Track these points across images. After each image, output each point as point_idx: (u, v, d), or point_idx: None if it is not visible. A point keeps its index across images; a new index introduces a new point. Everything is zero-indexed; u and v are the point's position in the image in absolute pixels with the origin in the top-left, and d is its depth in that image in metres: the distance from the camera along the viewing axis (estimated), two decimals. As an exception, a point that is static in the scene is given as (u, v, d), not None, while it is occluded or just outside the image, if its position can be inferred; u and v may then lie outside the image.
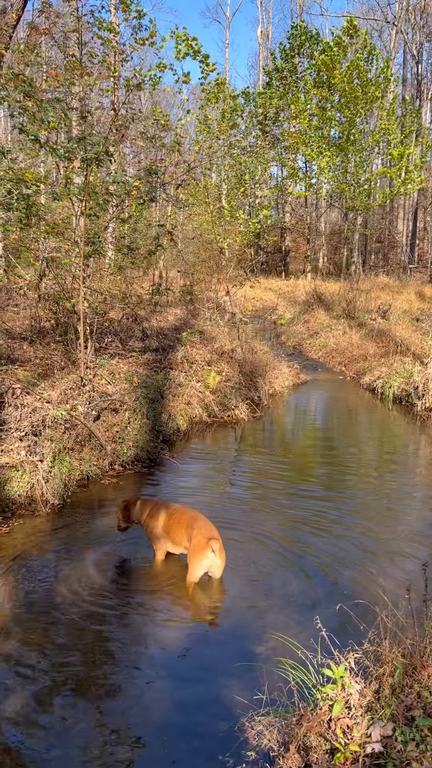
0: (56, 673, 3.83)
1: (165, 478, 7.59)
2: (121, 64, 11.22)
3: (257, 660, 3.92)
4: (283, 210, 40.53)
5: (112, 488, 7.16)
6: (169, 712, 3.54)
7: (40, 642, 4.14)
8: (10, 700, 3.59)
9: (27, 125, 7.63)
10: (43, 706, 3.55)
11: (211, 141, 17.54)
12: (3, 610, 4.53)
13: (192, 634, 4.26)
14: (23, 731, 3.34)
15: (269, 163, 31.26)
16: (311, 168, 35.87)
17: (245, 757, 3.15)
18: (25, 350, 10.16)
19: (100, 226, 9.87)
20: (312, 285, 26.08)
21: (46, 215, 8.69)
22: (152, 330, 12.44)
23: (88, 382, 8.44)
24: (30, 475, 6.53)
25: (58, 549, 5.57)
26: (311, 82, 29.92)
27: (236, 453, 8.87)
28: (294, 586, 4.94)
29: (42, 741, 3.31)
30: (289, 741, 2.91)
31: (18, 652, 4.02)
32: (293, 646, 3.54)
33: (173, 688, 3.73)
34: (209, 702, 3.62)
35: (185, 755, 3.24)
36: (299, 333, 18.91)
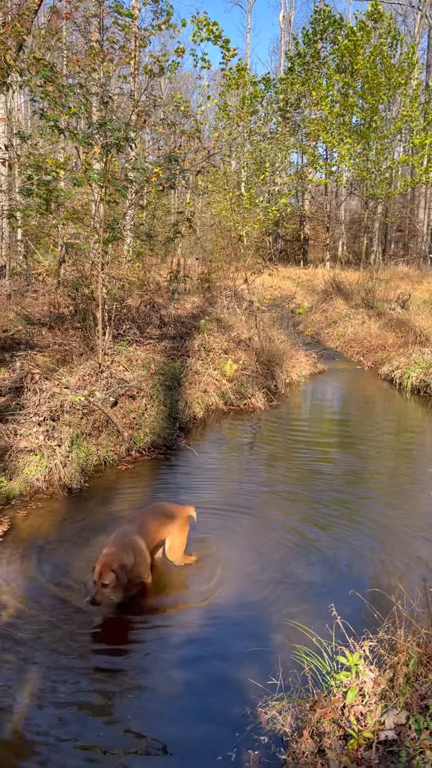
0: (68, 656, 3.88)
1: (181, 464, 7.62)
2: (141, 50, 11.15)
3: (271, 646, 3.95)
4: (303, 198, 40.18)
5: (129, 474, 7.21)
6: (182, 696, 3.57)
7: (52, 624, 4.20)
8: (24, 680, 3.65)
9: (47, 111, 7.63)
10: (55, 688, 3.60)
11: (231, 128, 17.41)
12: (18, 592, 4.59)
13: (206, 618, 4.29)
14: (36, 711, 3.39)
15: (289, 150, 30.96)
16: (332, 155, 35.48)
17: (258, 740, 3.18)
18: (44, 336, 10.23)
19: (119, 212, 9.87)
20: (331, 274, 25.88)
21: (66, 201, 8.70)
22: (170, 317, 12.45)
23: (106, 369, 8.48)
24: (48, 460, 6.60)
25: (75, 533, 5.62)
26: (333, 67, 29.49)
27: (252, 441, 8.87)
28: (309, 573, 4.95)
29: (55, 720, 3.36)
30: (302, 726, 2.93)
31: (31, 634, 4.08)
32: (308, 633, 3.55)
33: (187, 672, 3.77)
34: (223, 686, 3.65)
35: (198, 738, 3.27)
36: (317, 322, 18.80)
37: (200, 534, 5.59)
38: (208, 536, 5.58)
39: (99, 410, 7.63)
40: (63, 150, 12.71)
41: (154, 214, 11.99)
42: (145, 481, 7.04)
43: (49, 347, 9.62)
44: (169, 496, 6.53)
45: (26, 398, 7.22)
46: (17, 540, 5.42)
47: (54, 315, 11.02)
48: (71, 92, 7.44)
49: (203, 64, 13.20)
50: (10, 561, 5.05)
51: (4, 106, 14.69)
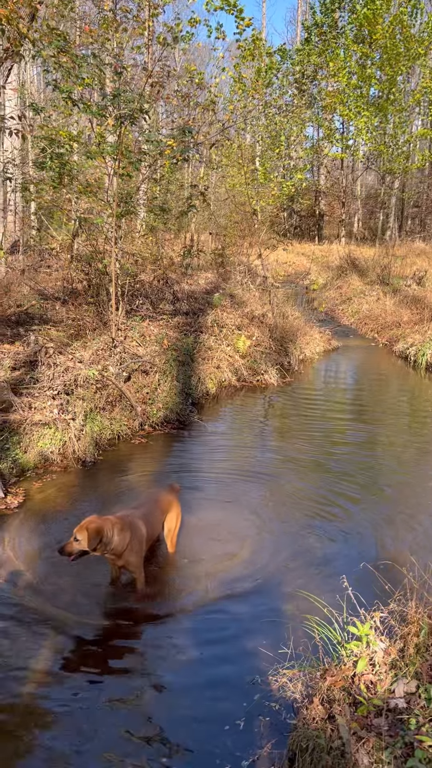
0: (80, 627, 3.95)
1: (194, 439, 7.66)
2: (154, 20, 10.95)
3: (283, 616, 4.00)
4: (318, 172, 39.58)
5: (142, 448, 7.26)
6: (194, 664, 3.64)
7: (66, 598, 4.25)
8: (37, 655, 3.73)
9: (61, 82, 7.54)
10: (68, 661, 3.67)
11: (246, 100, 17.12)
12: (32, 564, 4.66)
13: (217, 589, 4.35)
14: (48, 685, 3.46)
15: (305, 124, 30.42)
16: (348, 128, 34.84)
17: (268, 707, 3.24)
18: (58, 311, 10.25)
19: (132, 186, 9.79)
20: (346, 250, 25.58)
21: (79, 175, 8.64)
22: (183, 293, 12.40)
23: (119, 344, 8.49)
24: (62, 433, 6.65)
25: (88, 505, 5.68)
26: (351, 37, 28.80)
27: (265, 417, 8.88)
28: (321, 544, 4.99)
29: (69, 691, 3.44)
30: (313, 693, 2.97)
31: (43, 607, 4.14)
32: (319, 604, 3.59)
33: (199, 641, 3.83)
34: (234, 655, 3.71)
35: (209, 704, 3.34)
36: (332, 299, 18.65)
37: (213, 507, 5.65)
38: (220, 509, 5.63)
39: (112, 385, 7.66)
40: (77, 123, 12.57)
41: (167, 188, 11.88)
42: (158, 456, 7.09)
43: (63, 322, 9.63)
44: (181, 471, 6.58)
45: (40, 372, 7.26)
46: (32, 511, 5.50)
47: (67, 290, 11.02)
48: (85, 63, 7.34)
49: (218, 35, 12.96)
50: (25, 532, 5.13)
51: (17, 78, 14.54)
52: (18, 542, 4.96)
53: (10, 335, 8.67)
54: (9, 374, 7.24)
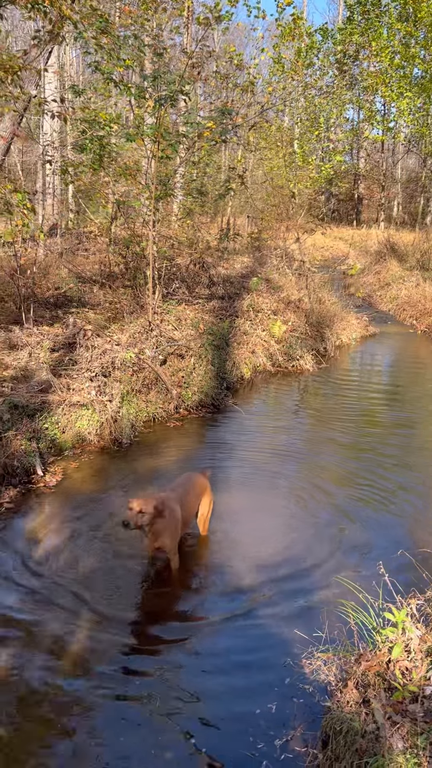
0: (116, 609, 3.98)
1: (228, 423, 7.67)
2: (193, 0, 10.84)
3: (317, 601, 4.01)
4: (358, 155, 38.84)
5: (177, 431, 7.31)
6: (229, 646, 3.67)
7: (99, 572, 4.32)
8: (73, 627, 3.82)
9: (102, 63, 7.53)
10: (99, 637, 3.73)
11: (285, 81, 16.85)
12: (69, 544, 4.72)
13: (251, 573, 4.37)
14: (82, 675, 3.52)
15: (345, 106, 29.81)
16: (390, 110, 34.01)
17: (302, 689, 3.26)
18: (95, 294, 10.34)
19: (170, 168, 9.77)
20: (385, 234, 25.10)
21: (118, 158, 8.66)
22: (219, 277, 12.37)
23: (155, 327, 8.53)
24: (99, 414, 6.74)
25: (124, 486, 5.76)
26: (395, 15, 28.01)
27: (299, 403, 8.84)
28: (357, 531, 4.97)
29: (101, 670, 3.51)
30: (347, 677, 2.98)
31: (80, 585, 4.19)
32: (354, 590, 3.58)
33: (234, 624, 3.86)
34: (269, 638, 3.74)
35: (243, 685, 3.37)
36: (369, 284, 18.36)
37: (247, 491, 5.67)
38: (254, 494, 5.65)
39: (148, 368, 7.72)
40: (116, 105, 12.58)
41: (204, 171, 11.82)
42: (192, 439, 7.13)
43: (100, 305, 9.73)
44: (216, 455, 6.61)
45: (79, 354, 7.36)
46: (69, 490, 5.60)
47: (105, 273, 11.10)
48: (126, 44, 7.32)
49: (258, 14, 12.76)
50: (62, 510, 5.23)
51: (57, 60, 14.59)
52: (55, 521, 5.05)
53: (49, 317, 8.80)
54: (48, 355, 7.36)
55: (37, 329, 8.10)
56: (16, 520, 5.04)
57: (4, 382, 6.56)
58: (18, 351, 7.39)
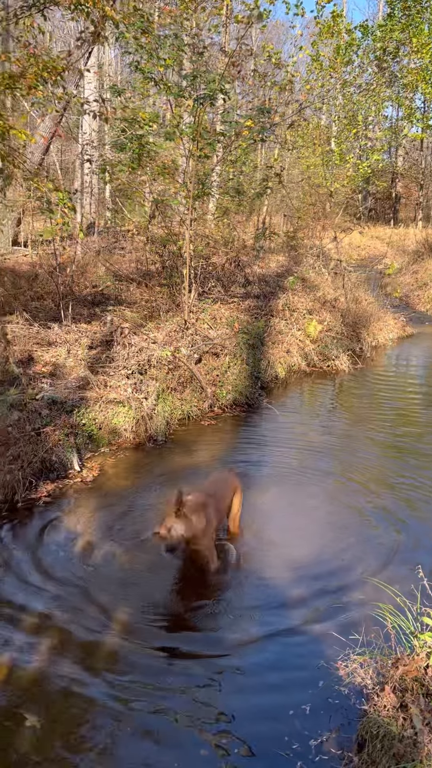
0: (148, 604, 4.01)
1: (262, 423, 7.67)
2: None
3: (353, 603, 3.98)
4: (396, 154, 38.27)
5: (211, 429, 7.33)
6: (261, 646, 3.66)
7: (133, 582, 4.28)
8: (109, 622, 3.86)
9: (142, 63, 7.58)
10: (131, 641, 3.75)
11: (323, 79, 16.70)
12: (104, 543, 4.75)
13: (285, 573, 4.35)
14: (109, 683, 3.55)
15: (384, 103, 29.40)
16: (430, 108, 33.42)
17: (337, 691, 3.24)
18: (132, 292, 10.43)
19: (208, 167, 9.78)
20: (423, 234, 24.70)
21: (156, 156, 8.71)
22: (254, 276, 12.35)
23: (191, 326, 8.57)
24: (135, 411, 6.80)
25: (158, 483, 5.80)
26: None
27: (334, 403, 8.78)
28: (393, 534, 4.91)
29: (136, 671, 3.53)
30: (384, 681, 2.95)
31: (113, 588, 4.19)
32: (391, 593, 3.54)
33: (267, 623, 3.85)
34: (302, 638, 3.72)
35: (276, 684, 3.37)
36: (407, 284, 18.10)
37: (281, 491, 5.65)
38: (289, 493, 5.62)
39: (184, 366, 7.76)
40: (154, 104, 12.65)
41: (241, 169, 11.81)
42: (226, 437, 7.14)
43: (137, 303, 9.81)
44: (250, 454, 6.61)
45: (116, 351, 7.44)
46: (106, 486, 5.67)
47: (141, 271, 11.18)
48: (166, 44, 7.36)
49: (297, 11, 12.67)
50: (99, 506, 5.29)
51: (96, 60, 14.74)
52: (90, 517, 5.11)
53: (86, 315, 8.91)
54: (86, 353, 7.46)
55: (75, 326, 8.21)
56: (53, 514, 5.12)
57: (43, 378, 6.67)
58: (57, 348, 7.50)
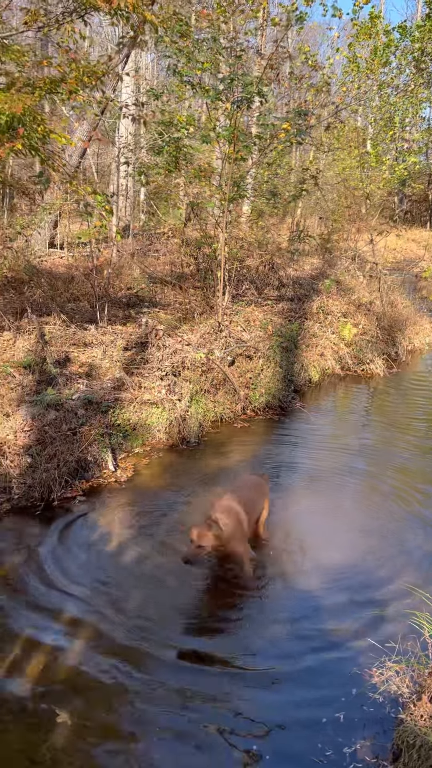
0: (180, 607, 4.01)
1: (295, 426, 7.62)
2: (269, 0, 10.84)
3: (389, 611, 3.93)
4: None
5: (244, 432, 7.32)
6: (293, 651, 3.64)
7: (166, 587, 4.26)
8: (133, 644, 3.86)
9: (180, 67, 7.63)
10: (167, 635, 3.78)
11: (360, 81, 16.56)
12: (138, 545, 4.77)
13: (319, 579, 4.31)
14: (148, 672, 3.54)
15: (422, 104, 29.01)
16: (468, 108, 32.84)
17: (371, 698, 3.20)
18: (166, 294, 10.49)
19: (243, 170, 9.79)
20: (460, 237, 24.31)
21: (192, 159, 8.75)
22: (288, 278, 12.30)
23: (224, 328, 8.58)
24: (169, 413, 6.83)
25: (191, 484, 5.82)
26: None
27: (368, 407, 8.68)
28: (429, 542, 4.83)
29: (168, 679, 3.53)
30: (421, 690, 2.90)
31: (145, 591, 4.19)
32: (429, 600, 3.49)
33: (298, 630, 3.83)
34: (336, 645, 3.69)
35: (309, 691, 3.34)
36: (443, 288, 17.82)
37: (314, 496, 5.60)
38: (322, 498, 5.57)
39: (217, 368, 7.77)
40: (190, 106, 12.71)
41: (276, 172, 11.78)
42: (259, 440, 7.12)
43: (171, 305, 9.86)
44: (282, 457, 6.59)
45: (150, 353, 7.49)
46: (139, 487, 5.71)
47: (176, 274, 11.25)
48: (204, 47, 7.39)
49: (334, 12, 12.59)
50: (133, 507, 5.32)
51: (133, 64, 14.88)
52: (125, 518, 5.14)
53: (121, 317, 9.00)
54: (121, 354, 7.53)
55: (111, 328, 8.30)
56: (88, 513, 5.18)
57: (79, 379, 6.76)
58: (93, 349, 7.59)
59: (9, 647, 3.57)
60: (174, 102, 11.85)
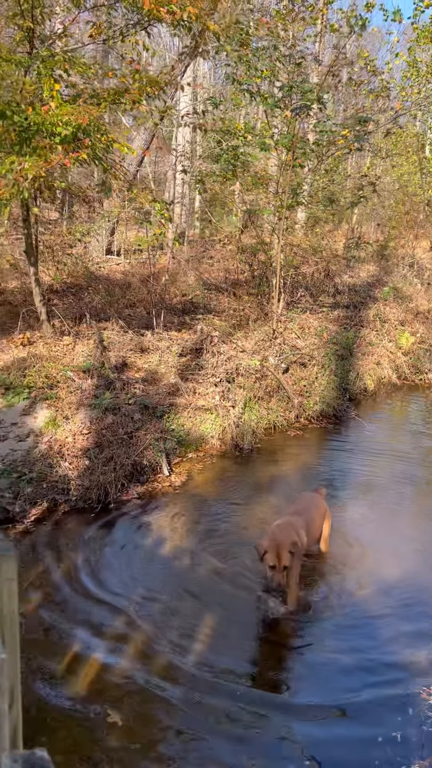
0: (230, 623, 3.93)
1: (349, 436, 7.52)
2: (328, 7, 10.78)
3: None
4: None
5: (297, 440, 7.27)
6: (349, 669, 3.57)
7: (221, 591, 4.24)
8: (198, 626, 3.88)
9: (238, 75, 7.68)
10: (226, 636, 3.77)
11: (420, 86, 16.28)
12: (192, 547, 4.81)
13: (373, 597, 4.22)
14: (196, 686, 3.57)
15: None
16: None
17: (430, 718, 3.11)
18: (220, 301, 10.54)
19: (300, 177, 9.75)
20: None
21: (250, 166, 8.78)
22: (344, 286, 12.16)
23: (279, 335, 8.55)
24: (222, 419, 6.85)
25: (244, 491, 5.81)
26: None
27: (426, 416, 8.48)
28: None
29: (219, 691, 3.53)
30: None
31: (200, 594, 4.22)
32: None
33: (355, 647, 3.76)
34: (391, 662, 3.61)
35: (364, 709, 3.28)
36: None
37: (371, 508, 5.50)
38: (376, 512, 5.45)
39: (271, 375, 7.74)
40: (247, 114, 12.78)
41: (333, 178, 11.69)
42: (312, 449, 7.05)
43: (225, 312, 9.89)
44: (335, 468, 6.50)
45: (205, 359, 7.53)
46: (193, 491, 5.74)
47: (230, 281, 11.28)
48: (265, 55, 7.41)
49: (395, 17, 12.42)
50: (186, 513, 5.35)
51: (192, 73, 15.05)
52: (179, 522, 5.18)
53: (176, 323, 9.08)
54: (176, 360, 7.60)
55: (166, 334, 8.39)
56: (142, 516, 5.24)
57: (135, 384, 6.86)
58: (149, 354, 7.69)
59: (59, 654, 3.60)
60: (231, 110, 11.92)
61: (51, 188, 6.85)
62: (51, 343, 7.41)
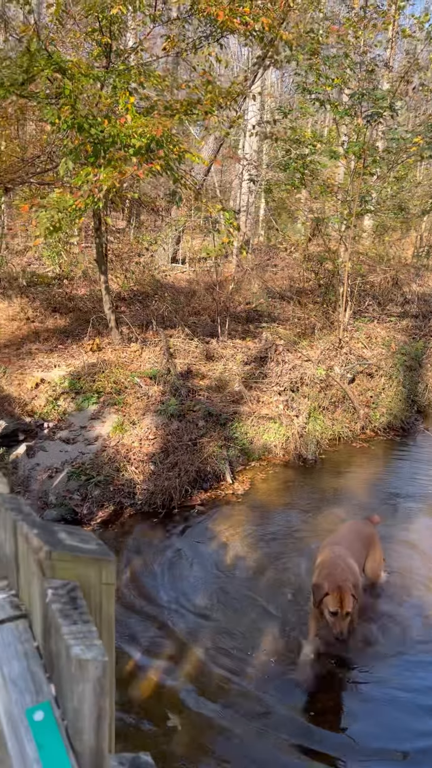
0: (288, 643, 3.84)
1: (417, 449, 7.32)
2: (400, 12, 10.61)
3: None
4: None
5: (362, 452, 7.13)
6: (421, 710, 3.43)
7: (280, 608, 4.15)
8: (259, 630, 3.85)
9: (310, 84, 7.66)
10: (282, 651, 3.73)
11: None
12: (255, 558, 4.78)
13: None
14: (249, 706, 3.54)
15: None
16: None
17: None
18: (285, 309, 10.50)
19: (369, 185, 9.63)
20: None
21: (318, 175, 8.74)
22: (413, 295, 11.89)
23: (345, 344, 8.43)
24: (286, 428, 6.81)
25: (307, 503, 5.74)
26: None
27: None
28: None
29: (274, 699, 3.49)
30: None
31: (261, 611, 4.15)
32: None
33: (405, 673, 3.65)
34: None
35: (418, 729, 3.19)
36: None
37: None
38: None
39: (337, 385, 7.64)
40: (316, 122, 12.72)
41: (402, 186, 11.48)
42: (378, 462, 6.91)
43: (290, 320, 9.85)
44: (401, 482, 6.34)
45: (269, 368, 7.51)
46: (256, 500, 5.73)
47: (295, 289, 11.23)
48: (336, 64, 7.37)
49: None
50: (249, 522, 5.34)
51: (260, 82, 15.13)
52: (241, 531, 5.17)
53: (241, 331, 9.11)
54: (241, 368, 7.61)
55: (231, 342, 8.43)
56: (205, 523, 5.26)
57: (200, 391, 6.91)
58: (214, 362, 7.74)
59: (122, 659, 3.65)
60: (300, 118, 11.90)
61: (123, 198, 7.01)
62: (119, 349, 7.58)
